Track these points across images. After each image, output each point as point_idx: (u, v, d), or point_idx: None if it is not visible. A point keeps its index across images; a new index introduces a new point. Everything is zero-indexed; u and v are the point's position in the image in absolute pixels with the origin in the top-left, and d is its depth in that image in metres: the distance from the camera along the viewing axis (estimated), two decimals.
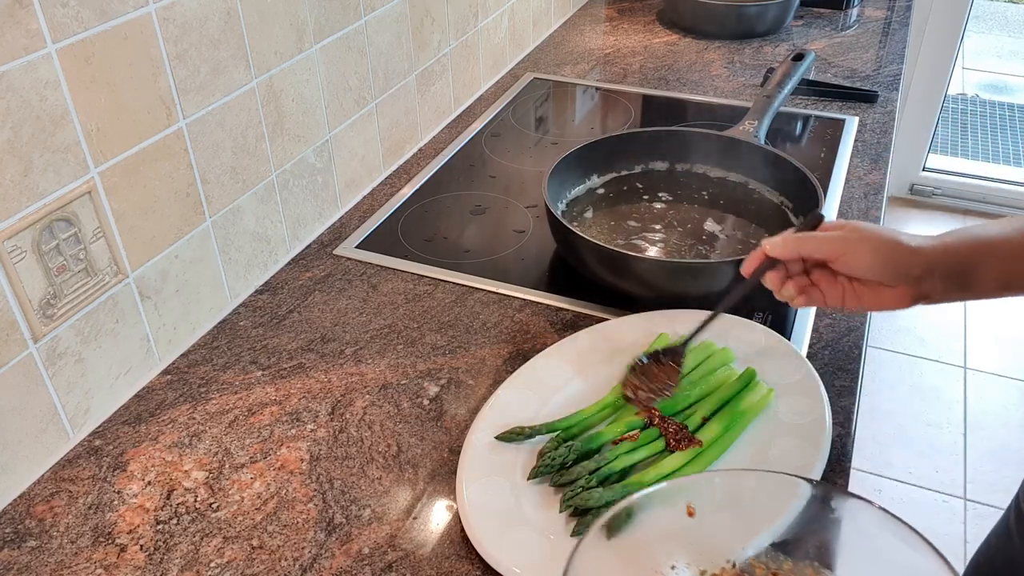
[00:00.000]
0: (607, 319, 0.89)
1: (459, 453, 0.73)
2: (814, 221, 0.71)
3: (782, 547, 0.56)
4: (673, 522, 0.56)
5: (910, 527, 0.49)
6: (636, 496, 0.55)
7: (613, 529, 0.54)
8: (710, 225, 1.02)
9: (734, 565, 0.56)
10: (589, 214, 1.05)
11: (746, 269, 0.71)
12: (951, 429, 2.03)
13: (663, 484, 0.58)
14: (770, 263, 0.70)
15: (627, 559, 0.56)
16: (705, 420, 0.74)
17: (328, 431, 0.77)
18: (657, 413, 0.74)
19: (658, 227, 1.02)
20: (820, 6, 1.72)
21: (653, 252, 0.98)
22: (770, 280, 0.70)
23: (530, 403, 0.78)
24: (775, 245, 0.69)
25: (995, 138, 3.15)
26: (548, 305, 0.92)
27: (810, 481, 0.55)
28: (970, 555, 0.94)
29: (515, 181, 1.17)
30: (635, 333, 0.84)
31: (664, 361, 0.76)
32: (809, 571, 0.55)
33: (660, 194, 1.08)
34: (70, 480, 0.73)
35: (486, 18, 1.38)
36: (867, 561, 0.53)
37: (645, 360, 0.76)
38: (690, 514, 0.56)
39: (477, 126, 1.31)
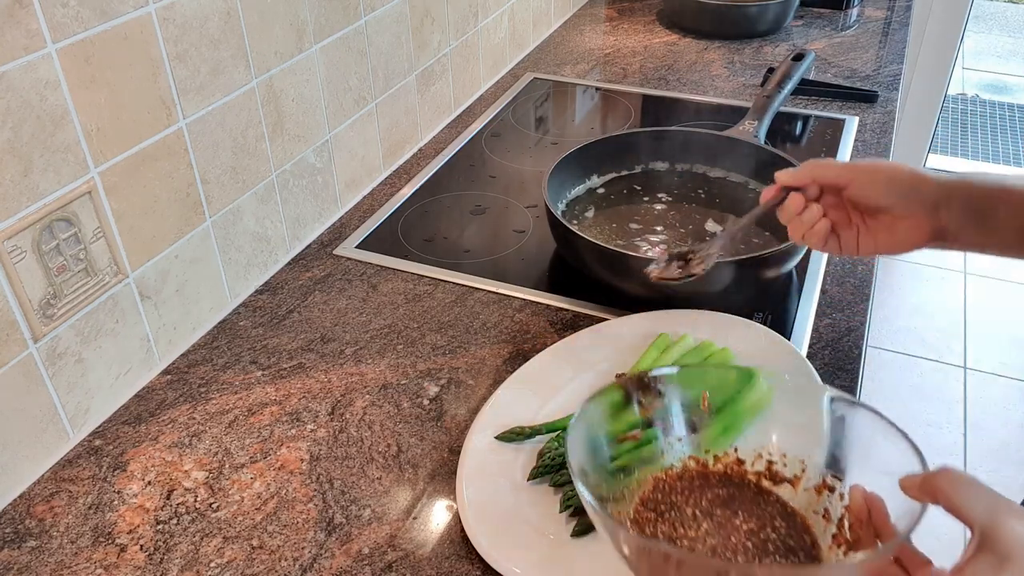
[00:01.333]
0: (607, 319, 0.89)
1: (459, 453, 0.73)
2: None
3: (784, 442, 0.62)
4: (686, 403, 0.64)
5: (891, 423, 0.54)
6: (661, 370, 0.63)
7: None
8: (711, 225, 1.02)
9: (737, 450, 0.62)
10: (589, 214, 1.05)
11: (763, 197, 0.72)
12: (951, 429, 2.03)
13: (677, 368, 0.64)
14: (786, 193, 0.70)
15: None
16: None
17: (328, 431, 0.77)
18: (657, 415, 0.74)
19: (658, 227, 1.02)
20: (820, 6, 1.72)
21: (653, 252, 0.98)
22: (792, 201, 0.69)
23: (530, 403, 0.78)
24: (789, 173, 0.69)
25: (995, 138, 3.15)
26: (548, 305, 0.92)
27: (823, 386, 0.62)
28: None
29: (515, 181, 1.17)
30: (635, 333, 0.84)
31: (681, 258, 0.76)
32: (800, 464, 0.60)
33: (660, 195, 1.08)
34: (70, 480, 0.73)
35: (486, 18, 1.38)
36: (851, 452, 0.58)
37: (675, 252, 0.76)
38: (704, 403, 0.63)
39: (477, 126, 1.31)
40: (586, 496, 0.52)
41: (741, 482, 0.61)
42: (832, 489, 0.57)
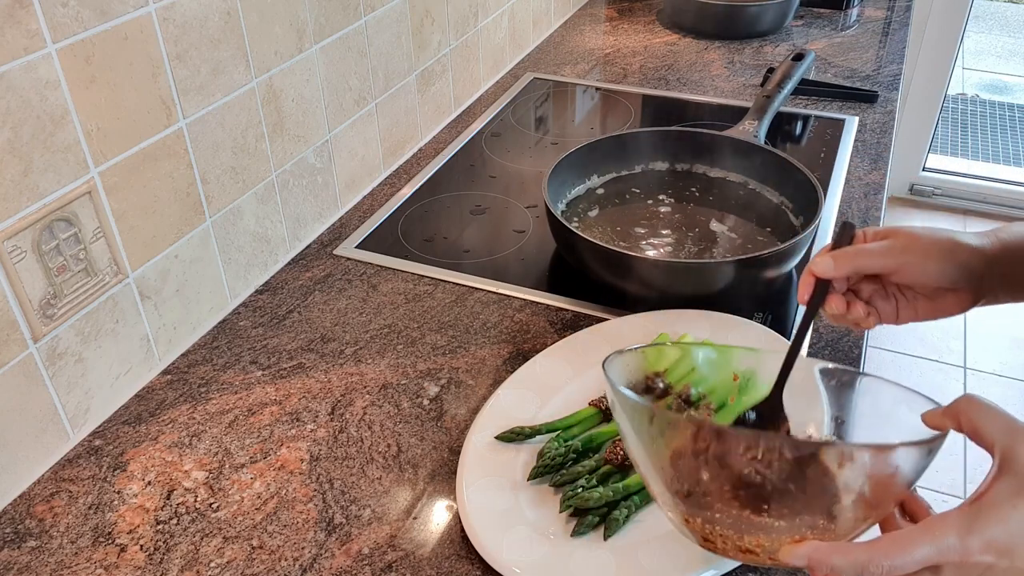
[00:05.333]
0: (607, 319, 0.89)
1: (459, 453, 0.73)
2: (848, 232, 0.63)
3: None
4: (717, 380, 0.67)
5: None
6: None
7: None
8: (716, 226, 1.02)
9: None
10: (589, 214, 1.05)
11: (801, 297, 0.64)
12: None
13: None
14: (824, 286, 0.63)
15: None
16: None
17: (328, 431, 0.77)
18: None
19: (659, 227, 1.02)
20: (820, 6, 1.72)
21: (654, 252, 0.98)
22: (835, 304, 0.63)
23: (530, 403, 0.78)
24: (827, 267, 0.62)
25: (995, 138, 3.15)
26: (548, 305, 0.92)
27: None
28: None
29: (515, 181, 1.17)
30: (635, 333, 0.84)
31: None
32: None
33: (660, 195, 1.08)
34: (70, 480, 0.73)
35: (486, 18, 1.38)
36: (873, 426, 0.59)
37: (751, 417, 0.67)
38: (735, 378, 0.64)
39: (477, 126, 1.31)
40: (635, 397, 0.54)
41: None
42: (852, 459, 0.57)
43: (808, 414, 0.61)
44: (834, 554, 0.47)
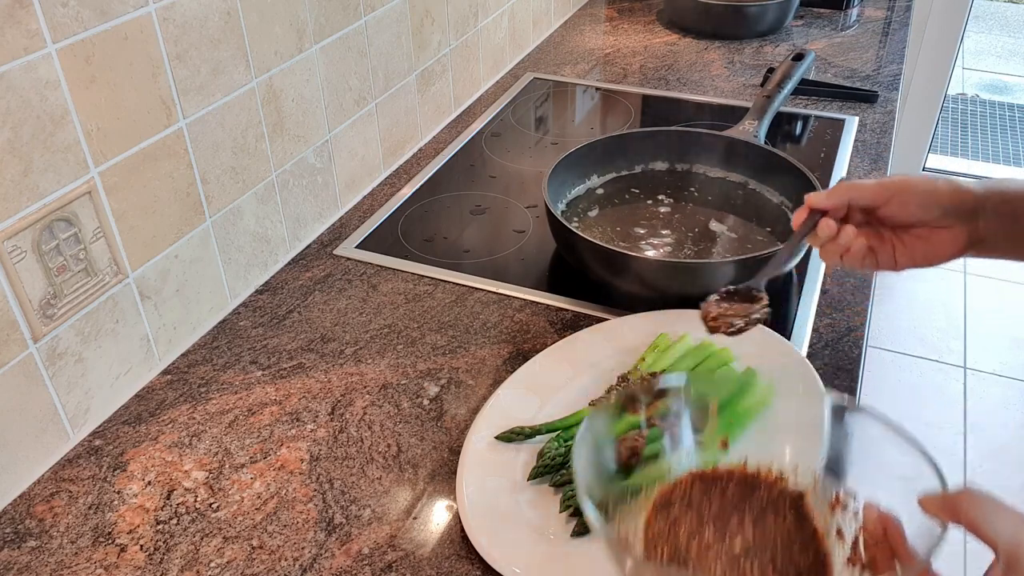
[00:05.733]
0: (607, 319, 0.89)
1: (459, 453, 0.73)
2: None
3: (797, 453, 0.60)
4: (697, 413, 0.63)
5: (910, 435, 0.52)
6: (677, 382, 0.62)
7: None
8: (715, 226, 1.02)
9: (745, 464, 0.61)
10: (589, 214, 1.05)
11: (795, 222, 0.69)
12: (951, 429, 2.03)
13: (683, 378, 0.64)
14: (818, 215, 0.67)
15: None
16: None
17: (328, 431, 0.77)
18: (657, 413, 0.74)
19: (658, 227, 1.02)
20: (820, 6, 1.72)
21: (654, 252, 0.98)
22: (824, 226, 0.66)
23: (530, 403, 0.78)
24: (820, 196, 0.67)
25: (995, 138, 3.15)
26: (548, 305, 0.92)
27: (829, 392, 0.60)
28: (971, 554, 0.94)
29: (515, 181, 1.17)
30: (635, 333, 0.84)
31: (738, 298, 0.71)
32: (811, 474, 0.58)
33: (660, 195, 1.08)
34: (70, 480, 0.73)
35: (486, 18, 1.38)
36: (860, 461, 0.57)
37: (724, 292, 0.71)
38: (713, 410, 0.62)
39: (477, 126, 1.31)
40: (593, 519, 0.50)
41: (750, 495, 0.59)
42: (845, 506, 0.56)
43: (797, 445, 0.60)
44: None
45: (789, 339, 0.85)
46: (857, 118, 1.30)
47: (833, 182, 1.13)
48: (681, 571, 0.53)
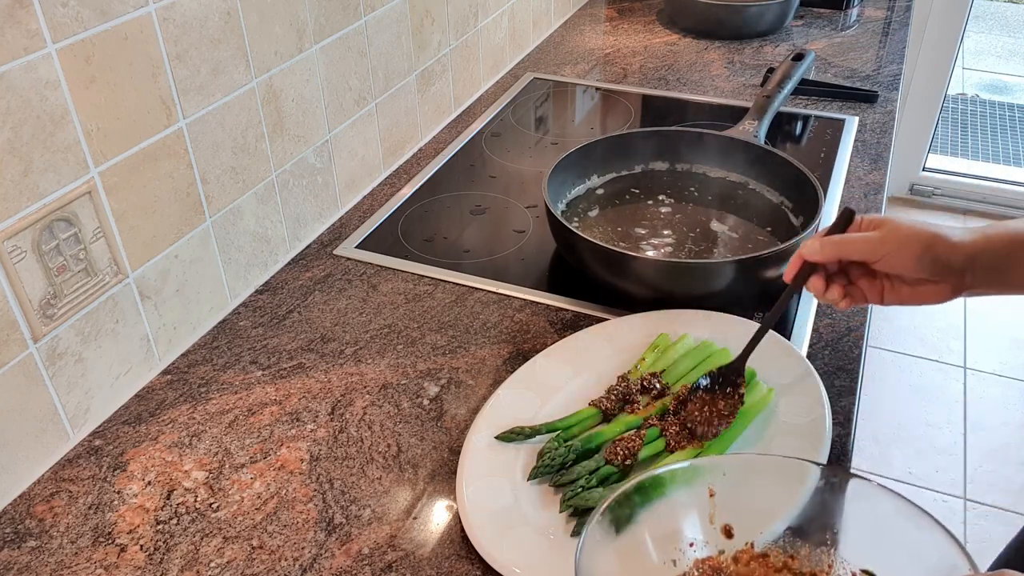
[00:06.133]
0: (607, 319, 0.89)
1: (459, 453, 0.73)
2: (846, 217, 0.68)
3: (798, 532, 0.57)
4: (692, 502, 0.58)
5: (921, 509, 0.50)
6: (659, 471, 0.57)
7: (623, 512, 0.55)
8: (716, 226, 1.02)
9: (753, 545, 0.58)
10: (589, 214, 1.05)
11: (788, 276, 0.70)
12: (951, 429, 2.03)
13: (683, 464, 0.60)
14: (810, 268, 0.68)
15: (643, 539, 0.57)
16: None
17: (328, 431, 0.77)
18: (655, 412, 0.74)
19: (659, 228, 1.02)
20: (820, 6, 1.72)
21: (654, 252, 0.98)
22: (814, 285, 0.69)
23: (530, 403, 0.78)
24: (814, 250, 0.67)
25: (995, 138, 3.15)
26: (548, 305, 0.92)
27: (819, 465, 0.57)
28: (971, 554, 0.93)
29: (515, 181, 1.17)
30: (635, 333, 0.84)
31: (719, 388, 0.73)
32: (825, 556, 0.56)
33: (660, 195, 1.08)
34: (70, 480, 0.73)
35: (486, 18, 1.38)
36: (878, 542, 0.54)
37: (703, 383, 0.73)
38: (711, 495, 0.58)
39: (477, 126, 1.31)
40: None
41: None
42: None
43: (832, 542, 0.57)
44: None
45: (789, 339, 0.85)
46: (857, 118, 1.30)
47: (833, 182, 1.13)
48: None
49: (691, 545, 0.58)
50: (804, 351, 0.85)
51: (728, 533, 0.58)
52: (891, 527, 0.52)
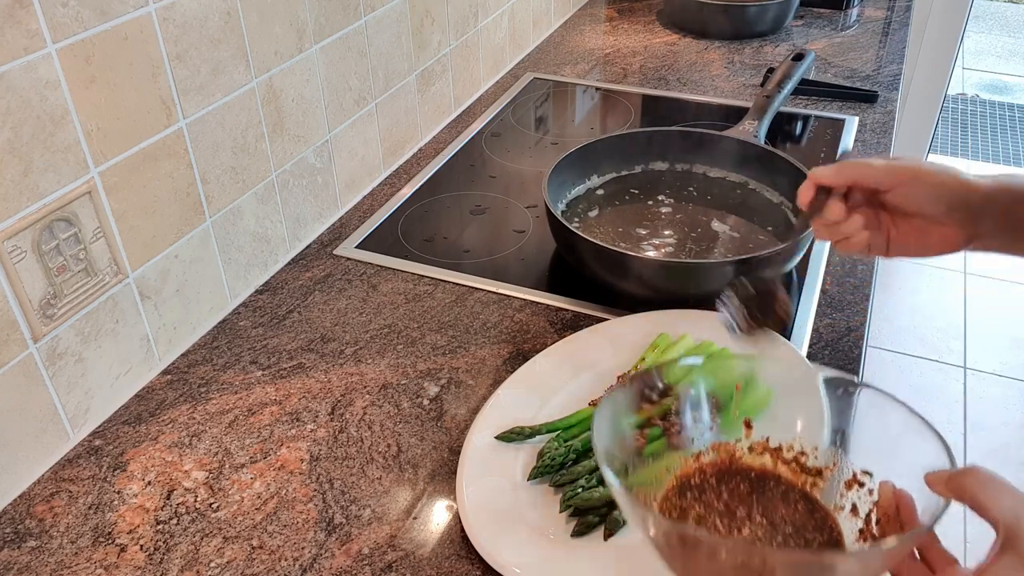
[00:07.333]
0: (607, 319, 0.89)
1: (459, 453, 0.73)
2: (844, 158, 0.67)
3: (810, 433, 0.61)
4: (719, 393, 0.63)
5: (925, 420, 0.53)
6: (693, 361, 0.63)
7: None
8: (717, 226, 1.02)
9: (768, 440, 0.61)
10: (589, 214, 1.05)
11: (803, 200, 0.66)
12: (951, 429, 2.03)
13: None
14: (825, 194, 0.65)
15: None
16: None
17: (328, 431, 0.77)
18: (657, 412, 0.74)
19: (660, 228, 1.02)
20: (820, 6, 1.72)
21: (655, 253, 0.98)
22: (835, 210, 0.65)
23: (530, 403, 0.78)
24: (827, 174, 0.64)
25: (995, 138, 3.15)
26: (548, 305, 0.92)
27: (838, 374, 0.60)
28: (971, 555, 0.94)
29: (515, 181, 1.17)
30: (635, 333, 0.84)
31: (762, 288, 0.70)
32: (832, 456, 0.59)
33: (660, 195, 1.08)
34: (70, 480, 0.73)
35: (486, 18, 1.38)
36: (881, 446, 0.57)
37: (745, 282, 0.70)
38: (737, 388, 0.62)
39: (477, 126, 1.31)
40: (613, 481, 0.51)
41: (767, 474, 0.60)
42: (862, 484, 0.57)
43: (809, 424, 0.61)
44: None
45: (789, 339, 0.85)
46: (857, 118, 1.30)
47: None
48: (703, 531, 0.54)
49: (711, 429, 0.61)
50: (804, 351, 0.85)
51: (748, 425, 0.62)
52: (896, 435, 0.55)
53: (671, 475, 0.60)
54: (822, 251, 1.00)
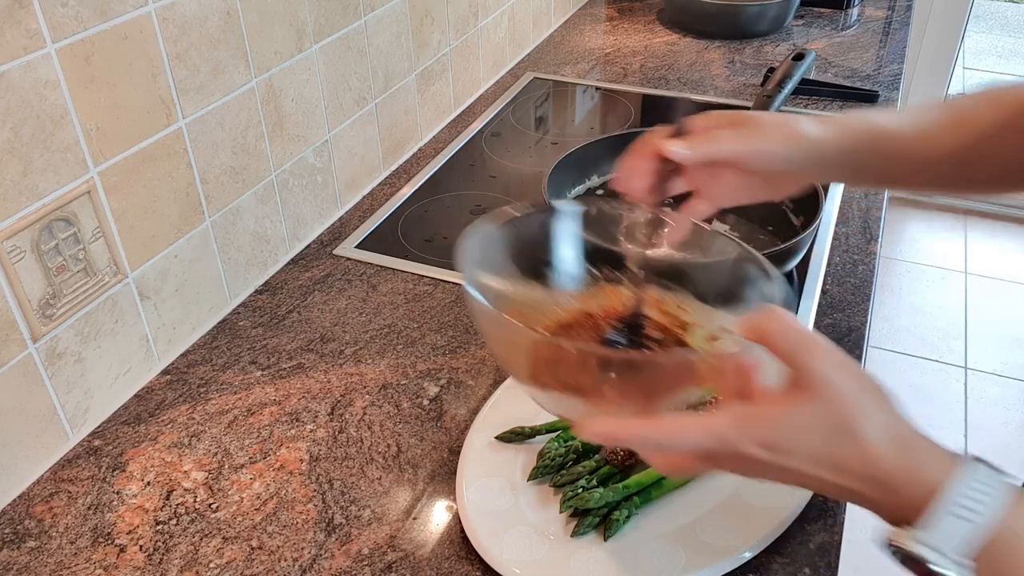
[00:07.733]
0: None
1: (459, 453, 0.73)
2: (680, 128, 0.67)
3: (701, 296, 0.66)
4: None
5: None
6: None
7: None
8: (716, 226, 1.02)
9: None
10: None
11: (632, 184, 0.68)
12: (951, 429, 2.03)
13: None
14: (667, 166, 0.65)
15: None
16: None
17: (328, 431, 0.77)
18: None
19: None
20: (820, 6, 1.72)
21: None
22: (678, 186, 0.67)
23: (530, 403, 0.77)
24: (682, 152, 0.64)
25: None
26: None
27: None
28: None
29: (515, 181, 1.17)
30: None
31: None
32: (709, 315, 0.63)
33: None
34: (70, 480, 0.73)
35: (486, 18, 1.38)
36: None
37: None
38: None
39: (477, 126, 1.31)
40: (474, 293, 0.53)
41: (637, 318, 0.63)
42: (719, 339, 0.59)
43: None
44: (617, 429, 0.49)
45: None
46: None
47: (833, 183, 1.13)
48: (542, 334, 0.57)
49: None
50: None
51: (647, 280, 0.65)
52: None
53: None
54: (822, 251, 0.99)
